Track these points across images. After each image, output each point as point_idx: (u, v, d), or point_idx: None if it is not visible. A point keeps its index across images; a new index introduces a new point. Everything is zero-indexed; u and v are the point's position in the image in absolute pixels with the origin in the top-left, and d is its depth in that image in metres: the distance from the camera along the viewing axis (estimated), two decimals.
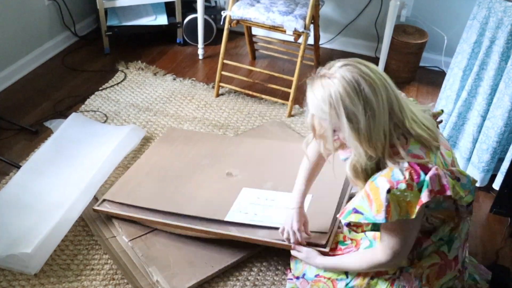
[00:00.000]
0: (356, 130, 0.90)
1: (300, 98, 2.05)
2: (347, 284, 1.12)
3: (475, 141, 1.70)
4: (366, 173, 0.98)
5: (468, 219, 1.11)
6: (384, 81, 0.93)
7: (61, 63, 2.37)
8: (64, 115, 2.00)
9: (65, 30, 2.48)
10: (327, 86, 0.90)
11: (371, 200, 0.95)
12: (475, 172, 1.71)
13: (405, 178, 0.92)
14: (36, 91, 2.16)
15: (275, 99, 2.13)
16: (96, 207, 1.47)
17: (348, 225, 1.03)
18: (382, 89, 0.91)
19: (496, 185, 1.68)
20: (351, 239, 1.23)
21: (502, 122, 1.59)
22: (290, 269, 1.31)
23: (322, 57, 2.43)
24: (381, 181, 0.93)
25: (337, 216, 1.04)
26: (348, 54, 2.56)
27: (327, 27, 2.52)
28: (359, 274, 1.11)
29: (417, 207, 0.92)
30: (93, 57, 2.43)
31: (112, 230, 1.47)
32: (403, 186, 0.92)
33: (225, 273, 1.38)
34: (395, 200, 0.93)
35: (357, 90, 0.89)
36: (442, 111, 1.17)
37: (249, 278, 1.37)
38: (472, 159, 1.72)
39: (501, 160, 1.67)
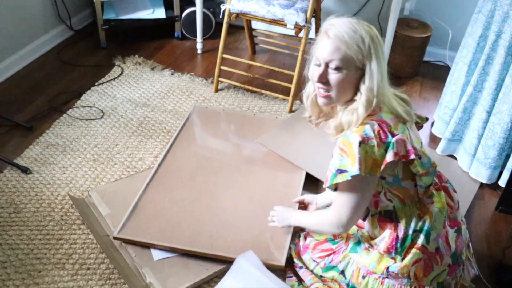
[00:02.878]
0: (358, 69, 1.01)
1: (300, 93, 2.02)
2: (348, 284, 1.18)
3: (480, 136, 1.67)
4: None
5: (444, 211, 1.11)
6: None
7: (57, 58, 2.33)
8: (59, 110, 1.97)
9: (61, 24, 2.44)
10: (360, 25, 1.01)
11: (348, 155, 1.00)
12: (481, 168, 1.68)
13: (375, 136, 0.99)
14: (30, 86, 2.13)
15: (276, 95, 2.09)
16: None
17: (335, 189, 1.08)
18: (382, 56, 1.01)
19: (502, 182, 1.65)
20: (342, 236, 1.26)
21: (509, 117, 1.56)
22: (290, 267, 1.32)
23: None
24: (354, 136, 1.00)
25: (324, 186, 1.08)
26: None
27: None
28: (352, 274, 1.17)
29: (382, 166, 0.98)
30: (89, 52, 2.40)
31: (106, 230, 1.45)
32: (373, 142, 0.98)
33: (225, 273, 1.34)
34: (364, 154, 0.98)
35: (379, 38, 1.02)
36: (427, 118, 1.21)
37: None
38: (477, 155, 1.68)
39: (509, 157, 1.63)
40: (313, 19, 2.04)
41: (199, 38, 2.40)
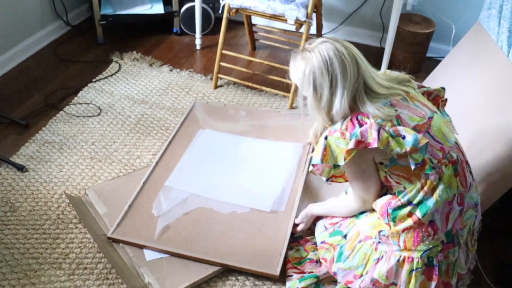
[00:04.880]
0: (319, 99, 1.11)
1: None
2: (341, 247, 1.22)
3: None
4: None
5: (454, 188, 1.11)
6: (356, 57, 1.11)
7: (53, 54, 2.30)
8: (56, 107, 1.94)
9: (57, 19, 2.41)
10: (306, 59, 1.11)
11: (317, 148, 1.16)
12: None
13: (341, 128, 1.10)
14: (27, 83, 2.10)
15: (276, 91, 2.06)
16: None
17: (327, 180, 1.22)
18: (352, 65, 1.09)
19: None
20: None
21: None
22: (289, 268, 1.32)
23: None
24: (325, 132, 1.15)
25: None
26: (352, 44, 2.49)
27: (330, 16, 2.46)
28: (351, 238, 1.21)
29: (343, 154, 1.09)
30: (86, 48, 2.37)
31: (103, 229, 1.43)
32: (337, 134, 1.11)
33: (224, 272, 1.33)
34: (331, 146, 1.12)
35: (328, 64, 1.08)
36: (443, 89, 1.27)
37: (249, 278, 1.32)
38: None
39: None
40: (314, 15, 2.01)
41: (198, 34, 2.37)
